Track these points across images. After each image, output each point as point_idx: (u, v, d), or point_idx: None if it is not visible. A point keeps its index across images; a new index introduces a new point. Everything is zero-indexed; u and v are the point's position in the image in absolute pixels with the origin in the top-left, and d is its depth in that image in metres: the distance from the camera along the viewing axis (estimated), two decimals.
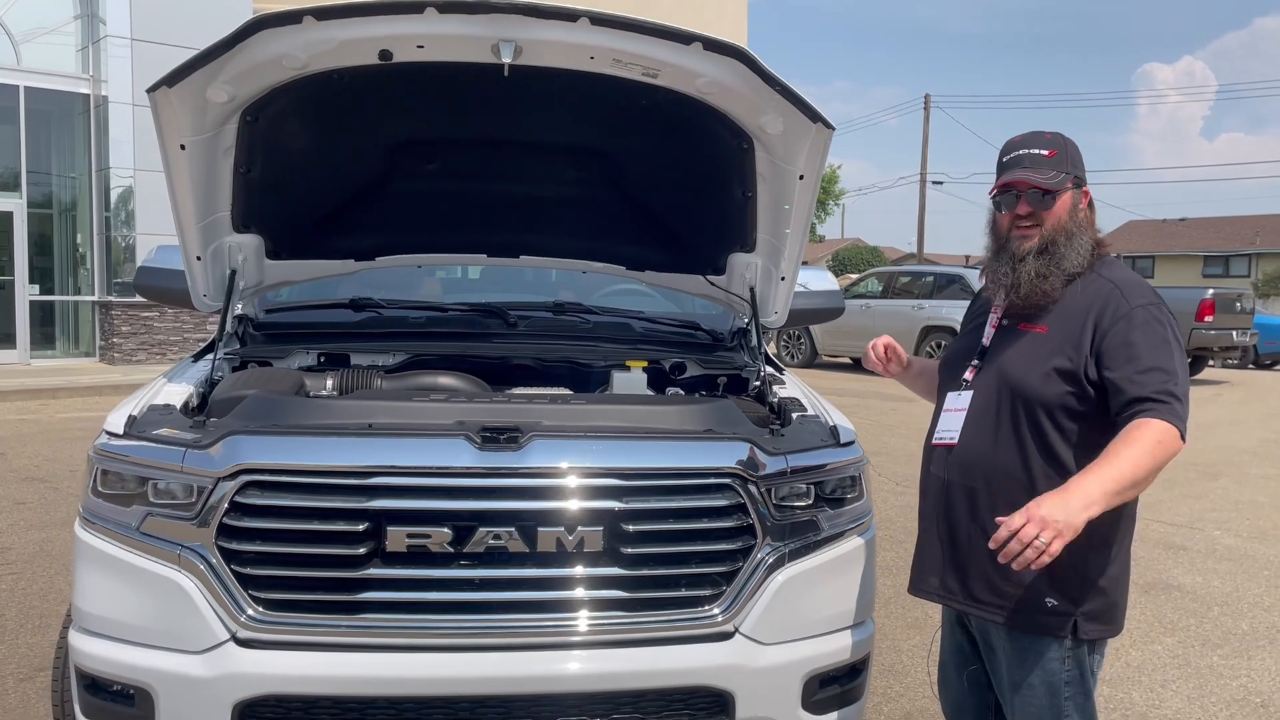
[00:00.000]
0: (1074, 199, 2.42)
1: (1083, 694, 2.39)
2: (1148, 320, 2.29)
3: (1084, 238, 2.41)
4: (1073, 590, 2.33)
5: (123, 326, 16.04)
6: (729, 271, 3.64)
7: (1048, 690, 2.38)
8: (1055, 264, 2.37)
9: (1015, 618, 2.38)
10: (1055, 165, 2.41)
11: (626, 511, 2.50)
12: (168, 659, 2.42)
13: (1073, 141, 2.49)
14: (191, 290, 3.38)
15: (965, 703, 2.67)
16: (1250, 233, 46.32)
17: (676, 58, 2.81)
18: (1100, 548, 2.34)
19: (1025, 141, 2.47)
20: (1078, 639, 2.35)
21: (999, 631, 2.44)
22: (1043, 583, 2.32)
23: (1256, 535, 7.14)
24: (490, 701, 2.45)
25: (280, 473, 2.43)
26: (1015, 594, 2.36)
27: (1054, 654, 2.36)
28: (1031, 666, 2.38)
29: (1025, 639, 2.39)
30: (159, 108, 2.78)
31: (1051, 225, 2.39)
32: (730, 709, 2.53)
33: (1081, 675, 2.38)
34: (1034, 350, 2.38)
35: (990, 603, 2.41)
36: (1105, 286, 2.37)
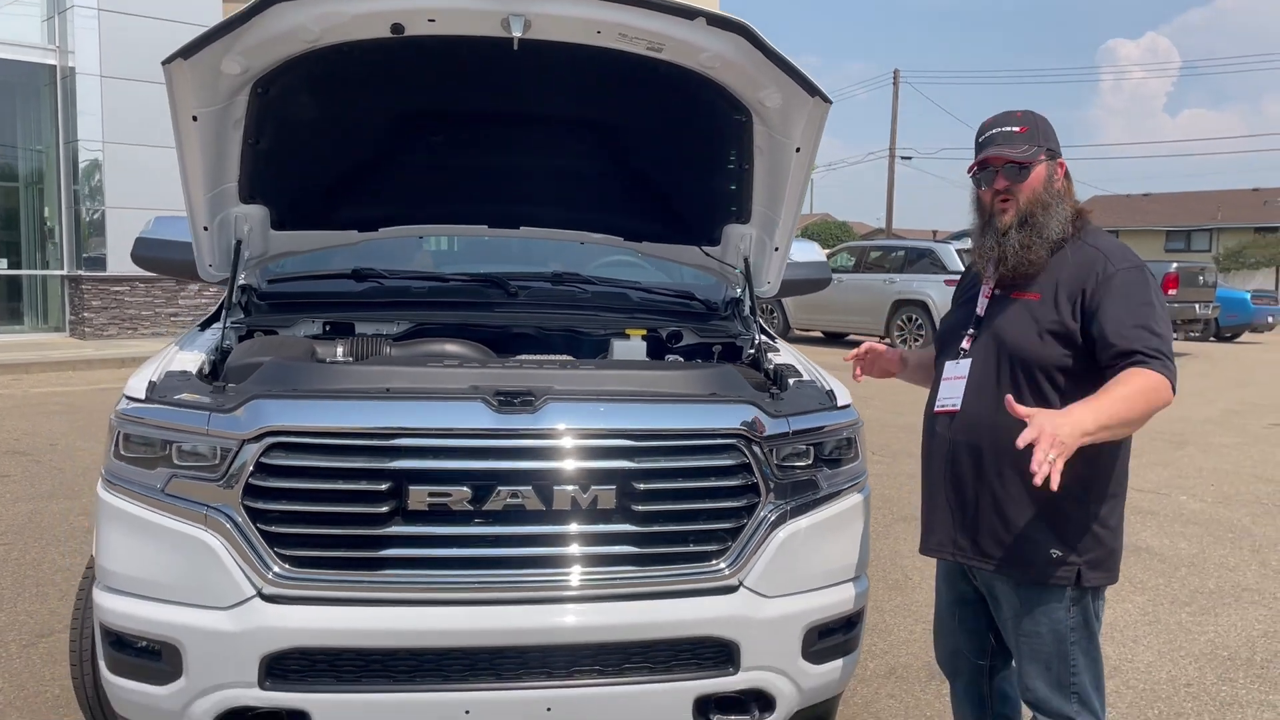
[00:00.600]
0: (1048, 170, 2.55)
1: (1087, 638, 2.52)
2: (1132, 282, 2.42)
3: (1062, 207, 2.53)
4: (1074, 541, 2.46)
5: (93, 301, 15.89)
6: (724, 242, 3.73)
7: (1054, 637, 2.50)
8: (1037, 234, 2.50)
9: (1023, 570, 2.50)
10: (1027, 140, 2.54)
11: (637, 471, 2.61)
12: (195, 614, 2.49)
13: (1043, 117, 2.60)
14: (198, 260, 3.42)
15: (961, 649, 2.81)
16: (1212, 208, 47.01)
17: (681, 32, 2.89)
18: (1098, 499, 2.48)
19: (998, 121, 2.59)
20: (1081, 587, 2.48)
21: (1005, 584, 2.56)
22: (1047, 535, 2.46)
23: (1221, 500, 7.38)
24: (507, 653, 2.55)
25: (305, 434, 2.50)
26: (1021, 547, 2.49)
27: (1058, 603, 2.49)
28: (1038, 615, 2.51)
29: (1031, 590, 2.51)
30: (173, 79, 2.82)
31: (1028, 197, 2.51)
32: (735, 658, 2.64)
33: (1085, 621, 2.52)
34: (1029, 315, 2.50)
35: (998, 557, 2.53)
36: (1091, 253, 2.49)
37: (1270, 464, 8.75)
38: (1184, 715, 3.87)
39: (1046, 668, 2.53)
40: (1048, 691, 2.54)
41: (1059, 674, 2.52)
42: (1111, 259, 2.46)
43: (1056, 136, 2.61)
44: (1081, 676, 2.53)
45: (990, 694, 2.83)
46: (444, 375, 2.77)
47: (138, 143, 15.09)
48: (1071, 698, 2.53)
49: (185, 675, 2.47)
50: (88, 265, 15.94)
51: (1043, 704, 2.56)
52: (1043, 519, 2.46)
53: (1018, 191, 2.52)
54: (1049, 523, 2.45)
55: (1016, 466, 2.34)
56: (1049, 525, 2.45)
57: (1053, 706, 2.54)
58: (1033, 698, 2.58)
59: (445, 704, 2.49)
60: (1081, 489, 2.42)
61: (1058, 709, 2.53)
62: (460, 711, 2.49)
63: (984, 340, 2.59)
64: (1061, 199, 2.54)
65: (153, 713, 2.55)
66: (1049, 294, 2.49)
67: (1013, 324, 2.53)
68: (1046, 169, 2.54)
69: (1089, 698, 2.54)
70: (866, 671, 4.16)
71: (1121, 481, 2.55)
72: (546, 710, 2.53)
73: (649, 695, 2.59)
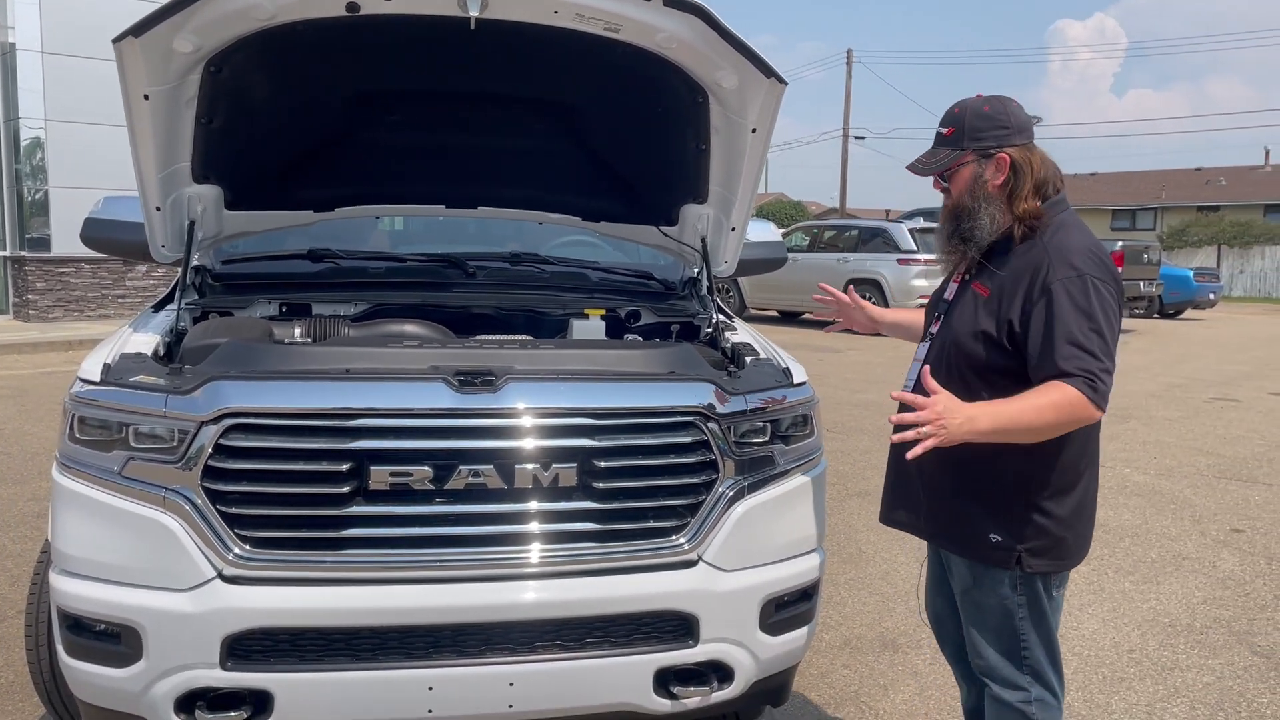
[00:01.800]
0: (974, 174, 2.50)
1: (1037, 615, 2.54)
2: (1069, 294, 2.34)
3: (990, 210, 2.48)
4: (1014, 528, 2.47)
5: (38, 283, 15.54)
6: (681, 222, 3.76)
7: (1003, 612, 2.55)
8: (960, 236, 2.53)
9: (965, 549, 2.57)
10: (951, 143, 2.52)
11: (597, 449, 2.64)
12: (155, 597, 2.48)
13: (982, 109, 2.50)
14: (150, 241, 3.38)
15: (945, 616, 2.87)
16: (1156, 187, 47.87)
17: (638, 13, 2.90)
18: (1039, 490, 2.47)
19: (942, 118, 2.58)
20: (1024, 571, 2.49)
21: (960, 560, 2.62)
22: (986, 520, 2.50)
23: (1163, 473, 7.59)
24: (470, 629, 2.57)
25: (264, 416, 2.50)
26: (963, 528, 2.55)
27: (1006, 581, 2.53)
28: (986, 591, 2.57)
29: (978, 566, 2.56)
30: (124, 58, 2.77)
31: (953, 200, 2.55)
32: (694, 631, 2.69)
33: (1033, 602, 2.53)
34: (973, 310, 2.52)
35: (944, 534, 2.62)
36: (1041, 256, 2.41)
37: (1210, 437, 9.01)
38: (1127, 680, 4.00)
39: (997, 637, 2.58)
40: (998, 660, 2.58)
41: (1009, 645, 2.56)
42: (1054, 266, 2.38)
43: (1002, 125, 2.48)
44: (1035, 652, 2.55)
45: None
46: (404, 356, 2.78)
47: (82, 120, 14.75)
48: (1024, 669, 2.56)
49: (145, 657, 2.47)
50: (31, 246, 15.57)
51: (993, 672, 2.59)
52: (983, 504, 2.50)
53: (951, 191, 2.57)
54: (989, 508, 2.49)
55: (960, 452, 2.36)
56: (989, 511, 2.49)
57: (1004, 675, 2.58)
58: (984, 665, 2.61)
59: (408, 681, 2.51)
60: (1020, 481, 2.46)
61: (1009, 678, 2.57)
62: (423, 688, 2.52)
63: (943, 326, 2.64)
64: (990, 200, 2.48)
65: (113, 695, 2.54)
66: (995, 291, 2.47)
67: (960, 316, 2.56)
68: (973, 170, 2.50)
69: (1043, 671, 2.56)
70: (822, 643, 4.24)
71: (1073, 474, 2.50)
72: (509, 685, 2.56)
73: (610, 669, 2.63)
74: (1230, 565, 5.45)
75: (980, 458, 2.42)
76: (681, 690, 2.69)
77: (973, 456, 2.41)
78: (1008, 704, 2.58)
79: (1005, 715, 2.60)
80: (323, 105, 3.42)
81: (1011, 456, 2.39)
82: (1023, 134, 2.51)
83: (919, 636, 4.33)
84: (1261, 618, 4.69)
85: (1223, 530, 6.11)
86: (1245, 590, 5.06)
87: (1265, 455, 8.29)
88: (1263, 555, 5.63)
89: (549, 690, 2.61)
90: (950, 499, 2.56)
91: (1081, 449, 2.50)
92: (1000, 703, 2.60)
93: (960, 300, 2.60)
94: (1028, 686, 2.57)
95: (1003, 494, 2.47)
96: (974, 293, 2.54)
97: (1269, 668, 4.14)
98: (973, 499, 2.52)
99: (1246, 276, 37.31)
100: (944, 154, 2.53)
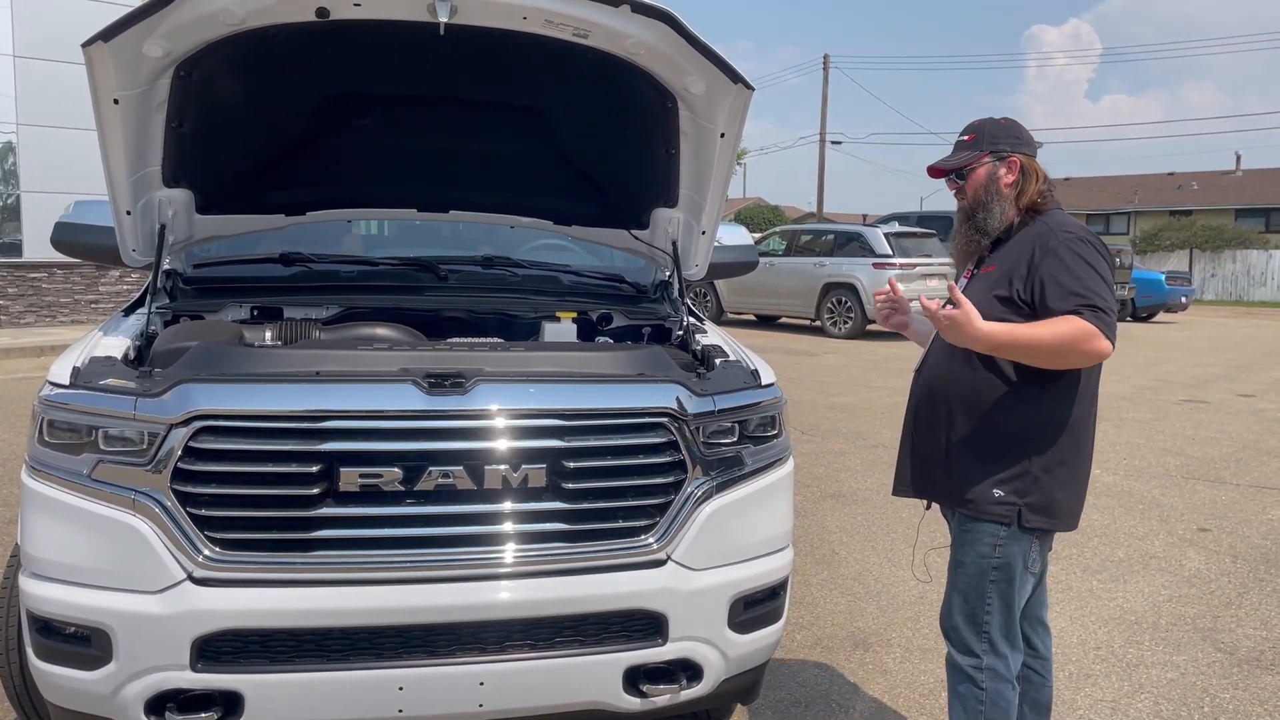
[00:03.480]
0: (990, 171, 2.80)
1: (1006, 580, 2.74)
2: (1073, 248, 2.63)
3: (1001, 203, 2.79)
4: (1016, 484, 2.68)
5: (9, 288, 15.40)
6: (652, 226, 3.80)
7: (976, 571, 2.76)
8: (976, 228, 2.82)
9: (965, 504, 2.74)
10: (972, 146, 2.83)
11: (567, 449, 2.67)
12: (125, 599, 2.48)
13: (999, 121, 2.86)
14: (120, 245, 3.38)
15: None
16: (1130, 191, 48.39)
17: (606, 19, 2.94)
18: (1039, 449, 2.68)
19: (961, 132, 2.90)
20: (1024, 528, 2.70)
21: (954, 516, 2.83)
22: (990, 474, 2.70)
23: (1132, 473, 7.69)
24: (440, 629, 2.59)
25: (234, 418, 2.51)
26: (966, 483, 2.73)
27: (987, 540, 2.73)
28: (967, 546, 2.77)
29: (968, 523, 2.76)
30: (93, 62, 2.78)
31: (969, 197, 2.83)
32: (664, 630, 2.72)
33: (1008, 563, 2.73)
34: (985, 287, 2.75)
35: (946, 490, 2.81)
36: (1041, 228, 2.73)
37: (1180, 438, 9.12)
38: (1093, 676, 4.06)
39: (964, 600, 2.78)
40: (961, 621, 2.80)
41: (974, 607, 2.76)
42: (1055, 231, 2.68)
43: (1016, 136, 2.83)
44: (994, 618, 2.75)
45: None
46: (374, 358, 2.80)
47: (54, 125, 14.64)
48: (982, 637, 2.77)
49: (116, 660, 2.47)
50: (2, 251, 15.43)
51: (953, 633, 2.82)
52: (987, 459, 2.70)
53: (965, 192, 2.84)
54: (992, 463, 2.70)
55: (966, 410, 2.72)
56: (992, 465, 2.70)
57: (961, 638, 2.80)
58: (948, 625, 2.84)
59: (379, 681, 2.53)
60: (1020, 436, 2.69)
61: (965, 642, 2.79)
62: (394, 688, 2.53)
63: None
64: (1001, 196, 2.79)
65: (83, 698, 2.55)
66: (1003, 267, 2.74)
67: (974, 291, 2.75)
68: (988, 170, 2.80)
69: (997, 641, 2.75)
70: (793, 643, 4.28)
71: (1070, 438, 2.72)
72: (479, 685, 2.58)
73: (580, 667, 2.66)
74: (1196, 564, 5.53)
75: (988, 418, 2.69)
76: (651, 689, 2.72)
77: (982, 417, 2.70)
78: (960, 669, 2.81)
79: (957, 679, 2.83)
80: (294, 109, 3.44)
81: (1017, 416, 2.67)
82: (1030, 147, 2.86)
83: (889, 635, 4.38)
84: (1226, 615, 4.76)
85: (1190, 529, 6.19)
86: (1210, 588, 5.14)
87: (1233, 456, 8.40)
88: (1228, 554, 5.72)
89: (519, 689, 2.63)
90: (954, 455, 2.75)
91: (1082, 415, 2.75)
92: (954, 667, 2.84)
93: (971, 286, 2.82)
94: (981, 653, 2.77)
95: (1007, 451, 2.69)
96: (983, 275, 2.81)
97: (1232, 664, 4.21)
98: (980, 458, 2.71)
99: (1218, 280, 37.76)
100: (964, 155, 2.83)
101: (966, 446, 2.74)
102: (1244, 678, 4.08)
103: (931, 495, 2.89)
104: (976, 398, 2.72)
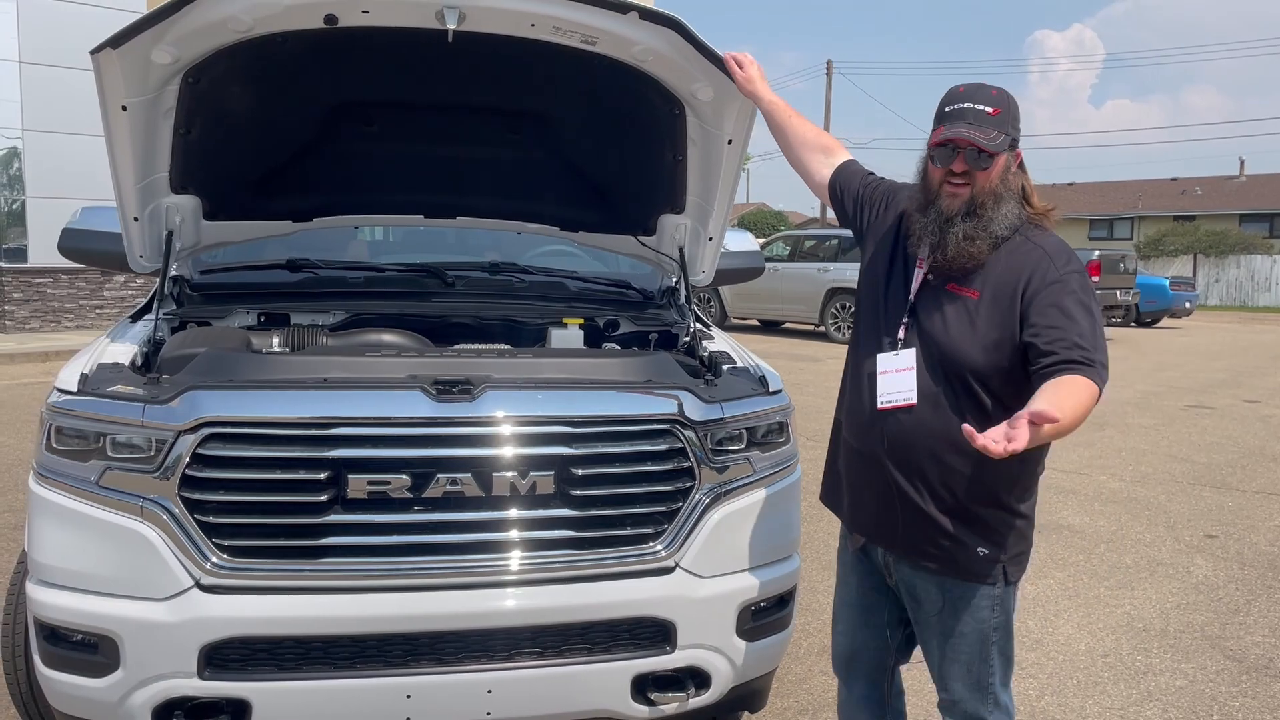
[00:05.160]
0: (1008, 161, 2.34)
1: (1005, 637, 2.48)
2: (1077, 289, 2.27)
3: (1012, 202, 2.34)
4: (1001, 538, 2.40)
5: (14, 294, 15.43)
6: (659, 232, 3.79)
7: (978, 637, 2.45)
8: (983, 227, 2.30)
9: (950, 567, 2.41)
10: (998, 125, 2.30)
11: (575, 457, 2.66)
12: (132, 606, 2.48)
13: (1015, 100, 2.37)
14: (128, 251, 3.39)
15: (865, 647, 2.71)
16: (1133, 197, 48.32)
17: (614, 26, 2.94)
18: (1023, 494, 2.42)
19: (970, 94, 2.34)
20: (1007, 582, 2.43)
21: (929, 583, 2.46)
22: (974, 534, 2.38)
23: (1138, 479, 7.67)
24: (448, 637, 2.59)
25: (242, 425, 2.51)
26: (949, 546, 2.39)
27: (985, 602, 2.43)
28: (963, 615, 2.44)
29: (959, 588, 2.42)
30: (102, 69, 2.79)
31: (982, 186, 2.31)
32: (672, 638, 2.71)
33: (1007, 620, 2.48)
34: (969, 319, 2.33)
35: (928, 553, 2.42)
36: (1036, 252, 2.32)
37: (1185, 444, 9.10)
38: (1101, 684, 4.05)
39: (968, 670, 2.48)
40: (965, 693, 2.49)
41: (979, 674, 2.48)
42: (1055, 262, 2.30)
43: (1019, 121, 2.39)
44: (995, 676, 2.49)
45: (890, 691, 2.77)
46: (382, 365, 2.79)
47: (59, 130, 14.68)
48: (988, 699, 2.49)
49: (123, 667, 2.47)
50: (8, 256, 15.46)
51: (959, 704, 2.51)
52: (974, 519, 2.37)
53: (975, 178, 2.31)
54: (980, 522, 2.37)
55: (952, 470, 2.32)
56: (979, 525, 2.37)
57: (968, 709, 2.50)
58: (949, 699, 2.52)
59: (387, 689, 2.52)
60: (1009, 485, 2.37)
61: (973, 712, 2.49)
62: (402, 696, 2.53)
63: (920, 337, 2.40)
64: (1013, 194, 2.35)
65: (90, 706, 2.54)
66: (988, 293, 2.32)
67: (952, 327, 2.34)
68: (1006, 160, 2.33)
69: (1000, 694, 2.51)
70: (800, 649, 4.27)
71: (1036, 473, 2.46)
72: (487, 692, 2.57)
73: (588, 675, 2.65)
74: (1204, 570, 5.51)
75: (976, 473, 2.32)
76: (659, 696, 2.71)
77: (970, 472, 2.32)
78: None
79: None
80: (301, 116, 3.44)
81: (1003, 468, 2.24)
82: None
83: None
84: (1234, 622, 4.75)
85: (1196, 536, 6.17)
86: (1218, 595, 5.12)
87: (1239, 462, 8.38)
88: (1235, 560, 5.70)
89: (527, 697, 2.62)
90: (937, 516, 2.38)
91: (1046, 451, 2.43)
92: None
93: (937, 306, 2.38)
94: (988, 715, 2.50)
95: (995, 503, 2.37)
96: (959, 297, 2.34)
97: (1240, 671, 4.19)
98: (964, 514, 2.37)
99: (1222, 285, 37.71)
100: (996, 135, 2.29)
101: (954, 505, 2.37)
102: (1253, 685, 4.06)
103: (896, 548, 2.49)
104: (967, 454, 2.23)
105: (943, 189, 2.35)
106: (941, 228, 2.33)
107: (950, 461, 2.33)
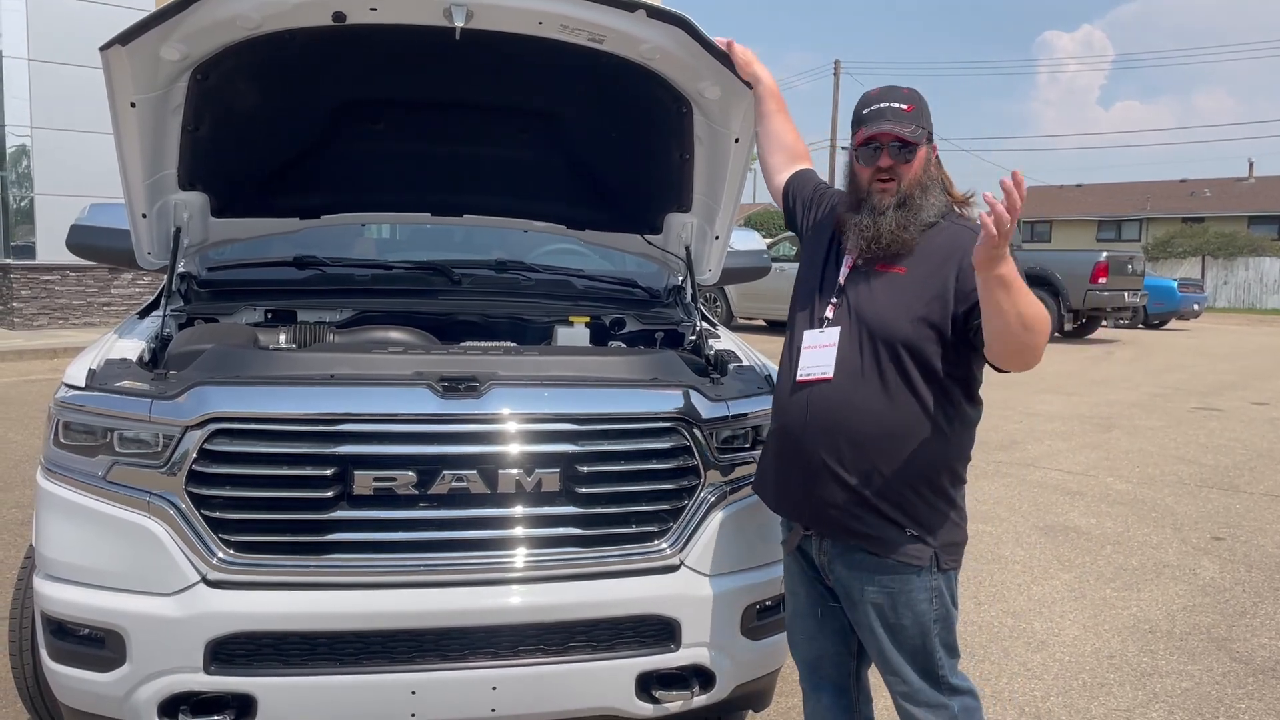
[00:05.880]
0: (928, 153, 2.47)
1: (946, 629, 2.47)
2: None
3: (938, 191, 2.47)
4: (927, 521, 2.41)
5: (22, 290, 15.49)
6: (666, 231, 3.79)
7: (919, 630, 2.44)
8: (913, 215, 2.41)
9: (877, 545, 2.41)
10: (914, 119, 2.44)
11: (580, 454, 2.67)
12: (139, 601, 2.49)
13: (924, 97, 2.53)
14: (136, 248, 3.40)
15: (828, 653, 2.69)
16: (1142, 198, 48.22)
17: (621, 24, 2.94)
18: (952, 482, 2.44)
19: (884, 95, 2.49)
20: (940, 569, 2.43)
21: (865, 579, 2.45)
22: (901, 514, 2.40)
23: (1145, 481, 7.65)
24: (453, 633, 2.59)
25: (249, 421, 2.52)
26: (875, 522, 2.40)
27: (922, 595, 2.42)
28: (901, 608, 2.43)
29: (893, 582, 2.42)
30: (111, 65, 2.80)
31: (910, 178, 2.42)
32: (676, 636, 2.71)
33: (947, 613, 2.46)
34: (898, 295, 2.41)
35: (853, 530, 2.43)
36: (965, 233, 2.40)
37: (1192, 446, 9.07)
38: (1107, 685, 4.04)
39: (913, 657, 2.47)
40: (919, 682, 2.48)
41: (925, 664, 2.47)
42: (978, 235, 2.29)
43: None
44: (944, 667, 2.49)
45: (858, 696, 2.75)
46: (388, 361, 2.80)
47: (68, 128, 14.74)
48: (943, 687, 2.48)
49: (129, 662, 2.48)
50: (16, 254, 15.52)
51: (915, 696, 2.49)
52: (900, 498, 2.39)
53: (901, 172, 2.43)
54: (906, 502, 2.39)
55: (878, 450, 2.37)
56: (906, 505, 2.39)
57: (925, 698, 2.48)
58: (905, 689, 2.50)
59: (391, 685, 2.53)
60: (935, 467, 2.40)
61: (930, 700, 2.48)
62: (406, 692, 2.53)
63: (848, 314, 2.47)
64: (936, 183, 2.48)
65: (96, 700, 2.55)
66: (918, 269, 2.41)
67: (881, 303, 2.43)
68: (926, 152, 2.46)
69: (955, 681, 2.50)
70: None
71: (965, 465, 2.50)
72: (492, 689, 2.58)
73: (592, 673, 2.65)
74: (1210, 572, 5.50)
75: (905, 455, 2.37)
76: (663, 694, 2.71)
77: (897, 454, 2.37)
78: None
79: None
80: (309, 113, 3.45)
81: (933, 450, 2.37)
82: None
83: None
84: (1241, 624, 4.73)
85: (1203, 538, 6.16)
86: (1225, 597, 5.11)
87: (1247, 464, 8.36)
88: (1242, 563, 5.68)
89: (531, 694, 2.62)
90: (865, 496, 2.40)
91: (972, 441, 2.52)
92: None
93: (866, 285, 2.46)
94: (948, 702, 2.48)
95: (910, 482, 2.39)
96: (886, 276, 2.44)
97: (1247, 673, 4.18)
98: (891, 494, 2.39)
99: (1230, 287, 37.59)
100: (914, 128, 2.43)
101: (881, 486, 2.39)
102: (1259, 687, 4.05)
103: (818, 524, 2.50)
104: (894, 433, 2.35)
105: (873, 186, 2.46)
106: (875, 221, 2.44)
107: (874, 437, 2.38)
